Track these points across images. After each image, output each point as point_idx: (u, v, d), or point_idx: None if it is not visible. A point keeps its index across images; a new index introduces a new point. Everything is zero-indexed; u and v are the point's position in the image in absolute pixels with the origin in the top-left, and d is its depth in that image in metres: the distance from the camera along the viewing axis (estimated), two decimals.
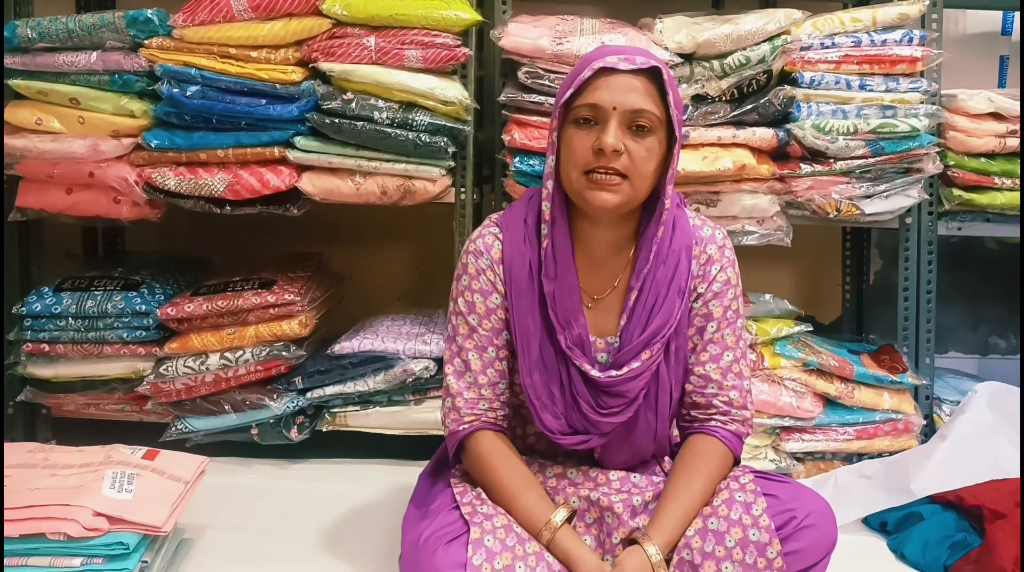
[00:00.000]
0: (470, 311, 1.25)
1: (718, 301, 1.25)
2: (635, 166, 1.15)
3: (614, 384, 1.21)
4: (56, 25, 1.69)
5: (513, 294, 1.23)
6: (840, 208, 1.79)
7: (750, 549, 1.12)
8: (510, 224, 1.27)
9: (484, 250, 1.26)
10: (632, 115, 1.15)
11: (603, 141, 1.14)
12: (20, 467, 1.34)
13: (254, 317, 1.75)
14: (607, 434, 1.24)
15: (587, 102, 1.16)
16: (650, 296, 1.22)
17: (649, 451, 1.29)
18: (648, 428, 1.26)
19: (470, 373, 1.24)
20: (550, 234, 1.22)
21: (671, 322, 1.22)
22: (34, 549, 1.21)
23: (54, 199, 1.77)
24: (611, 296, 1.25)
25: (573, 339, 1.22)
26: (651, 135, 1.16)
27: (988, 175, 1.86)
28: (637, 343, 1.22)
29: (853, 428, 1.80)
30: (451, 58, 1.71)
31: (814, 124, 1.75)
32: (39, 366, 1.79)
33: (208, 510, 1.51)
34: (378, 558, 1.41)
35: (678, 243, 1.24)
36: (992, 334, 2.38)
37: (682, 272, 1.23)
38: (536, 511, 1.17)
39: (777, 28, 1.72)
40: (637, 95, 1.15)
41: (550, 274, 1.22)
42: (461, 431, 1.24)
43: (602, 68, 1.15)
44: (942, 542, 1.43)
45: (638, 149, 1.15)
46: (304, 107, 1.69)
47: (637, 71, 1.15)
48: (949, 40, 2.04)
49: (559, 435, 1.24)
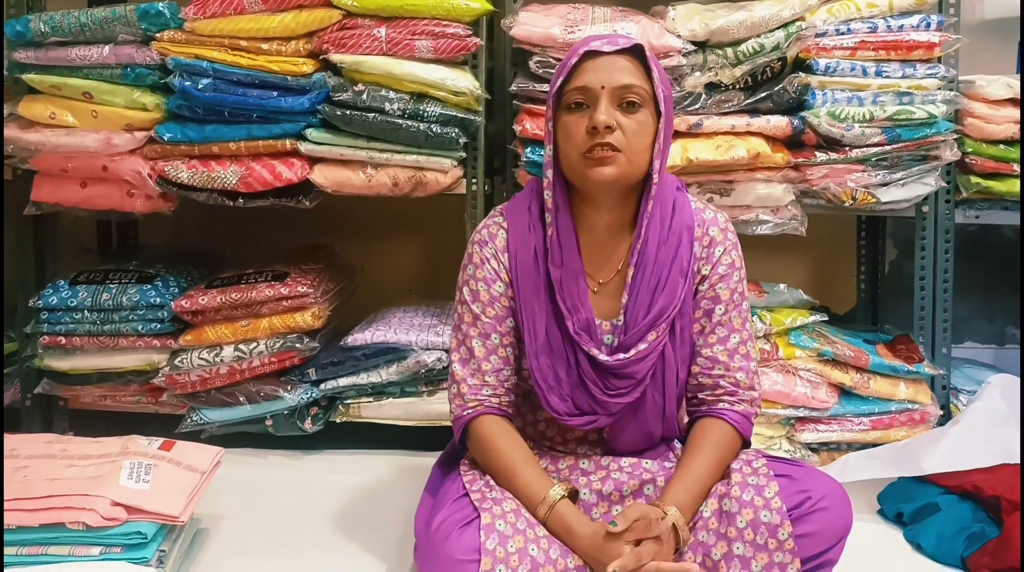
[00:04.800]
0: (474, 299, 1.27)
1: (724, 284, 1.27)
2: (628, 140, 1.18)
3: (622, 366, 1.23)
4: (68, 19, 1.70)
5: (519, 280, 1.26)
6: (856, 196, 1.77)
7: (761, 530, 1.12)
8: (514, 213, 1.30)
9: (488, 239, 1.29)
10: (621, 91, 1.19)
11: (595, 118, 1.17)
12: (39, 458, 1.36)
13: (268, 309, 1.76)
14: (614, 414, 1.26)
15: (577, 86, 1.20)
16: (652, 276, 1.24)
17: (658, 430, 1.30)
18: (655, 407, 1.28)
19: (474, 360, 1.27)
20: (554, 222, 1.25)
21: (675, 302, 1.24)
22: (54, 538, 1.22)
23: (69, 193, 1.79)
24: (615, 279, 1.27)
25: (581, 324, 1.24)
26: (641, 109, 1.20)
27: (1007, 162, 1.83)
28: (643, 325, 1.23)
29: (868, 418, 1.78)
30: (462, 48, 1.70)
31: (829, 111, 1.73)
32: (56, 358, 1.81)
33: (224, 501, 1.53)
34: (392, 548, 1.41)
35: (678, 224, 1.26)
36: (1009, 324, 2.35)
37: (684, 253, 1.25)
38: (534, 487, 1.19)
39: (792, 15, 1.70)
40: (624, 72, 1.19)
41: (556, 261, 1.25)
42: (465, 416, 1.26)
43: (587, 52, 1.20)
44: (959, 533, 1.42)
45: (630, 123, 1.19)
46: (315, 99, 1.69)
47: (621, 51, 1.20)
48: (967, 26, 2.00)
49: (566, 416, 1.25)
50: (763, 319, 1.78)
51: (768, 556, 1.12)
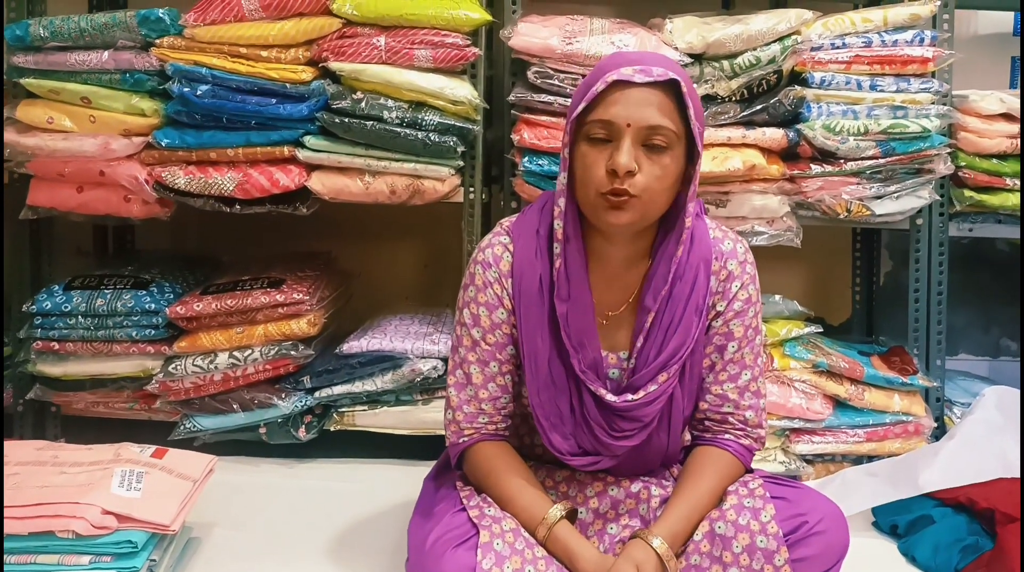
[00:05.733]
0: (475, 324, 1.22)
1: (739, 320, 1.21)
2: (648, 185, 1.10)
3: (630, 409, 1.18)
4: (68, 24, 1.70)
5: (522, 308, 1.19)
6: (850, 209, 1.78)
7: (757, 556, 1.10)
8: (521, 234, 1.22)
9: (493, 262, 1.21)
10: (648, 132, 1.10)
11: (616, 161, 1.09)
12: (29, 464, 1.35)
13: (263, 316, 1.75)
14: (618, 456, 1.21)
15: (600, 118, 1.10)
16: (666, 315, 1.18)
17: (658, 464, 1.28)
18: (659, 447, 1.24)
19: (471, 386, 1.22)
20: (563, 253, 1.17)
21: (688, 343, 1.18)
22: (43, 547, 1.21)
23: (65, 197, 1.78)
24: (625, 311, 1.21)
25: (587, 362, 1.18)
26: (667, 153, 1.11)
27: (1000, 176, 1.85)
28: (653, 366, 1.18)
29: (863, 430, 1.79)
30: (461, 58, 1.71)
31: (824, 124, 1.74)
32: (49, 364, 1.80)
33: (216, 509, 1.52)
34: (386, 557, 1.40)
35: (696, 258, 1.19)
36: (1003, 336, 2.36)
37: (700, 288, 1.18)
38: (532, 509, 1.15)
39: (787, 28, 1.72)
40: (653, 111, 1.09)
41: (563, 296, 1.18)
42: (461, 444, 1.24)
43: (616, 81, 1.10)
44: (953, 545, 1.42)
45: (652, 169, 1.10)
46: (314, 106, 1.70)
47: (654, 83, 1.10)
48: (960, 41, 2.03)
49: (568, 456, 1.21)
50: None
51: None
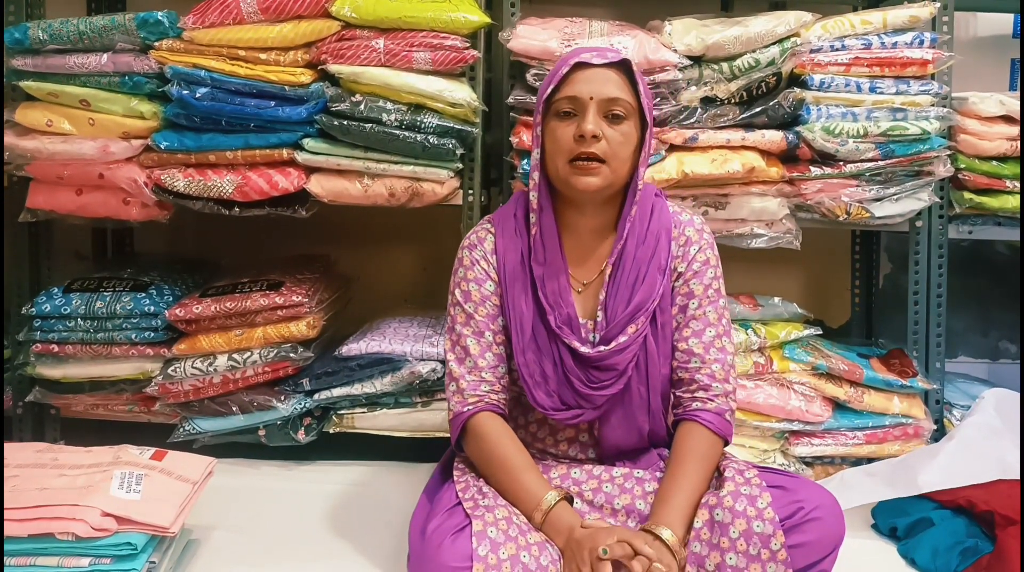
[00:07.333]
0: (466, 299, 1.33)
1: (698, 279, 1.32)
2: (613, 150, 1.25)
3: (602, 358, 1.28)
4: (67, 27, 1.70)
5: (507, 280, 1.32)
6: (850, 211, 1.78)
7: (754, 541, 1.13)
8: (501, 219, 1.37)
9: (478, 243, 1.36)
10: (608, 103, 1.26)
11: (583, 127, 1.24)
12: (29, 467, 1.35)
13: (262, 318, 1.75)
14: (600, 407, 1.30)
15: (566, 95, 1.27)
16: (631, 273, 1.30)
17: (645, 425, 1.33)
18: (641, 401, 1.32)
19: (470, 358, 1.31)
20: (538, 221, 1.32)
21: (654, 296, 1.30)
22: (43, 549, 1.21)
23: (64, 200, 1.78)
24: (598, 281, 1.33)
25: (562, 318, 1.30)
26: (626, 121, 1.27)
27: (999, 178, 1.85)
28: (622, 318, 1.29)
29: (863, 432, 1.79)
30: (460, 60, 1.71)
31: (824, 127, 1.74)
32: (48, 367, 1.80)
33: (215, 511, 1.52)
34: (385, 559, 1.40)
35: (656, 226, 1.33)
36: (1003, 339, 2.36)
37: (662, 251, 1.32)
38: (533, 489, 1.21)
39: (787, 30, 1.72)
40: (612, 85, 1.26)
41: (539, 259, 1.31)
42: (465, 412, 1.29)
43: (578, 63, 1.27)
44: (953, 548, 1.42)
45: (615, 135, 1.26)
46: (313, 109, 1.70)
47: (609, 64, 1.27)
48: (960, 43, 2.03)
49: (552, 411, 1.30)
50: (758, 332, 1.79)
51: (761, 567, 1.12)
